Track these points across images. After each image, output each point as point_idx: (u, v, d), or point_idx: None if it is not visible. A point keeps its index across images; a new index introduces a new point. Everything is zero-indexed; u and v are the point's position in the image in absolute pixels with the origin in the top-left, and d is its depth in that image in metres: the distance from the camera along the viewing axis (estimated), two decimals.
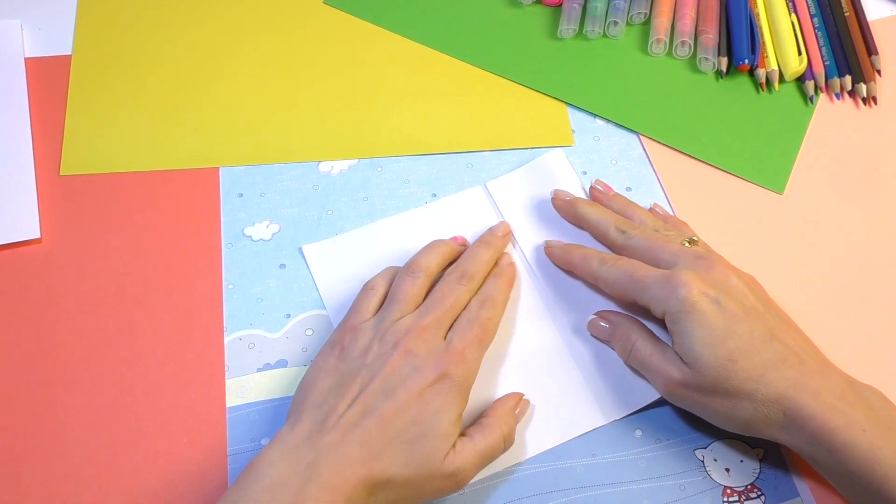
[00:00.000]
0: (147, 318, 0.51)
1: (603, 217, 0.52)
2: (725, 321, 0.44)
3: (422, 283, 0.49)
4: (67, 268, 0.53)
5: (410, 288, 0.48)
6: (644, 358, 0.47)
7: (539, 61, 0.62)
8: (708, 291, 0.44)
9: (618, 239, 0.50)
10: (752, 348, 0.43)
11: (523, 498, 0.47)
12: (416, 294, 0.48)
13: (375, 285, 0.50)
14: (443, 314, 0.47)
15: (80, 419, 0.48)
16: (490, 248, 0.52)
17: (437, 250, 0.51)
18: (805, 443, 0.43)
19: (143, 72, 0.61)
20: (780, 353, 0.43)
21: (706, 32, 0.62)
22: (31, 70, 0.60)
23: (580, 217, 0.53)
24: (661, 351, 0.46)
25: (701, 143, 0.59)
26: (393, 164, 0.58)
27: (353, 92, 0.61)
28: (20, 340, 0.50)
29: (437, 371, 0.44)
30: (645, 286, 0.46)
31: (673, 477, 0.47)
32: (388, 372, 0.44)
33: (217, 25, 0.63)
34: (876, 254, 0.55)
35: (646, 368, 0.47)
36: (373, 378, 0.44)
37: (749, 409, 0.43)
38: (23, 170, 0.55)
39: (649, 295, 0.46)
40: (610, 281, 0.48)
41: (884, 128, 0.61)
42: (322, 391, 0.44)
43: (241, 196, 0.56)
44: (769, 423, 0.43)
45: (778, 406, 0.43)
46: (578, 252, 0.51)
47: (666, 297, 0.45)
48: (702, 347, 0.44)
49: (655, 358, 0.46)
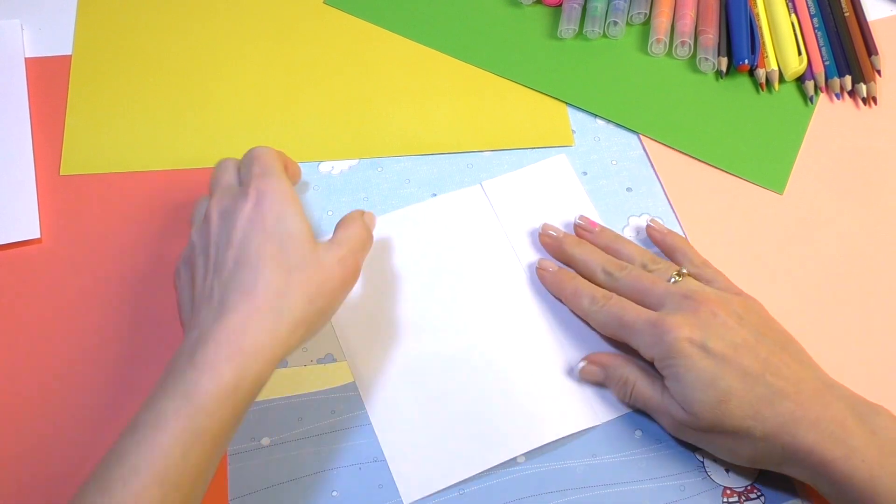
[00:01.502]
0: (147, 318, 0.51)
1: (590, 258, 0.51)
2: (714, 364, 0.44)
3: None
4: (67, 268, 0.53)
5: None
6: (645, 400, 0.47)
7: (539, 61, 0.62)
8: (693, 336, 0.44)
9: (605, 281, 0.50)
10: (743, 386, 0.43)
11: (523, 498, 0.47)
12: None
13: None
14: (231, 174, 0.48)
15: (80, 419, 0.48)
16: None
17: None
18: (808, 475, 0.43)
19: (143, 72, 0.61)
20: (773, 387, 0.43)
21: (706, 32, 0.62)
22: (31, 70, 0.60)
23: (567, 256, 0.53)
24: (661, 392, 0.46)
25: (701, 143, 0.59)
26: (393, 164, 0.58)
27: (354, 92, 0.61)
28: (20, 340, 0.50)
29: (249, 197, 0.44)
30: (633, 332, 0.47)
31: (673, 477, 0.47)
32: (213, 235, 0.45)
33: (217, 25, 0.63)
34: (876, 253, 0.55)
35: (648, 409, 0.48)
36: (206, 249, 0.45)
37: (750, 447, 0.44)
38: (23, 170, 0.55)
39: (637, 340, 0.46)
40: (600, 323, 0.49)
41: (884, 128, 0.61)
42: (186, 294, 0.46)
43: None
44: (771, 457, 0.44)
45: (776, 441, 0.42)
46: (570, 285, 0.51)
47: (653, 343, 0.45)
48: (692, 392, 0.44)
49: (655, 400, 0.47)
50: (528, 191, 0.56)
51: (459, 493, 0.47)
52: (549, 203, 0.56)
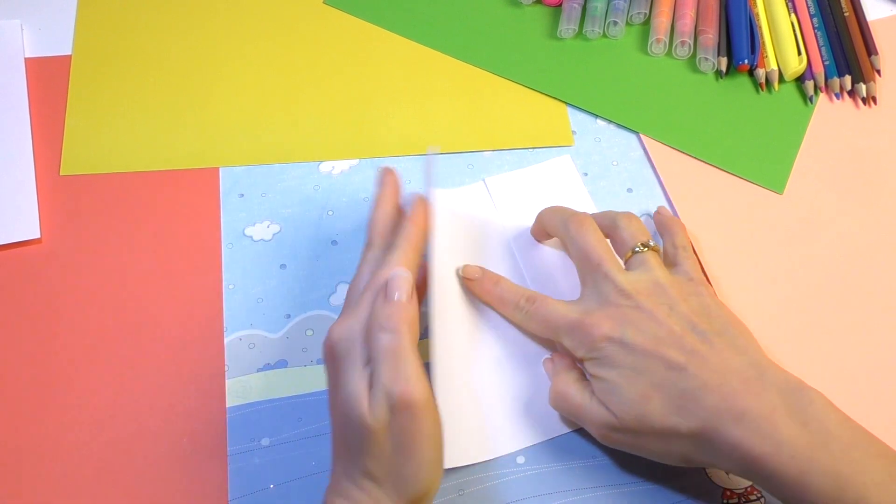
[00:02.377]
0: (147, 318, 0.51)
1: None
2: (633, 359, 0.42)
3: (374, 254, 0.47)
4: (67, 268, 0.53)
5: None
6: (572, 407, 0.46)
7: (539, 61, 0.62)
8: (612, 333, 0.43)
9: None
10: (665, 381, 0.42)
11: (523, 499, 0.47)
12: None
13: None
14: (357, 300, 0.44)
15: (80, 419, 0.48)
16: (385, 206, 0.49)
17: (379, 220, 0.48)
18: (739, 471, 0.41)
19: (143, 72, 0.61)
20: (697, 380, 0.41)
21: (706, 32, 0.62)
22: (31, 70, 0.60)
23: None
24: (589, 398, 0.45)
25: (701, 142, 0.59)
26: (394, 164, 0.58)
27: (354, 92, 0.61)
28: (20, 340, 0.50)
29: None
30: (559, 333, 0.46)
31: (673, 479, 0.47)
32: None
33: (217, 25, 0.63)
34: (876, 253, 0.55)
35: (576, 418, 0.46)
36: None
37: (679, 446, 0.42)
38: (23, 170, 0.55)
39: (566, 342, 0.46)
40: (530, 328, 0.49)
41: (884, 128, 0.61)
42: None
43: (242, 196, 0.56)
44: (703, 455, 0.42)
45: (703, 437, 0.41)
46: (495, 292, 0.50)
47: (577, 345, 0.45)
48: (615, 389, 0.43)
49: (584, 409, 0.45)
50: (531, 189, 0.56)
51: (459, 493, 0.47)
52: (550, 202, 0.56)
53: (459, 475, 0.47)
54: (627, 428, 0.43)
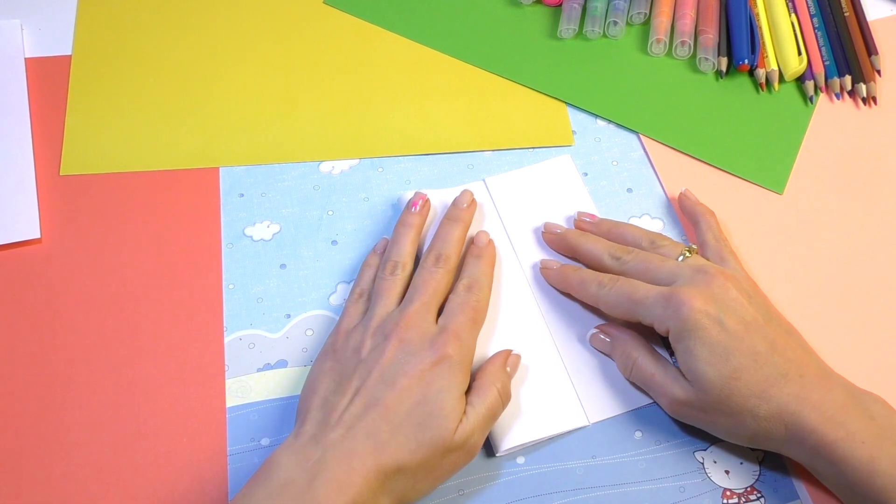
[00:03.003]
0: (147, 318, 0.51)
1: (594, 247, 0.51)
2: (727, 339, 0.44)
3: (400, 276, 0.49)
4: (67, 268, 0.53)
5: (391, 284, 0.49)
6: (646, 377, 0.47)
7: (539, 61, 0.62)
8: (709, 309, 0.44)
9: (613, 266, 0.50)
10: (753, 364, 0.44)
11: (523, 499, 0.47)
12: (397, 288, 0.49)
13: (362, 291, 0.50)
14: (429, 299, 0.47)
15: (80, 419, 0.48)
16: (459, 223, 0.52)
17: (405, 238, 0.51)
18: (807, 456, 0.43)
19: (144, 72, 0.61)
20: (780, 368, 0.44)
21: (706, 32, 0.62)
22: (31, 70, 0.60)
23: (572, 249, 0.53)
24: (664, 369, 0.47)
25: (701, 143, 0.59)
26: (394, 164, 0.58)
27: (354, 92, 0.61)
28: (20, 340, 0.50)
29: (434, 353, 0.44)
30: (646, 306, 0.46)
31: (672, 479, 0.47)
32: (385, 363, 0.44)
33: (217, 25, 0.63)
34: (876, 253, 0.55)
35: (648, 387, 0.48)
36: (371, 371, 0.44)
37: (752, 425, 0.44)
38: (23, 170, 0.55)
39: (651, 315, 0.46)
40: (610, 304, 0.48)
41: (884, 128, 0.61)
42: (323, 392, 0.45)
43: (242, 196, 0.56)
44: (772, 437, 0.44)
45: (779, 421, 0.43)
46: (575, 277, 0.51)
47: (667, 316, 0.45)
48: (705, 367, 0.44)
49: (658, 377, 0.47)
50: (531, 189, 0.56)
51: (460, 492, 0.47)
52: (551, 202, 0.56)
53: (459, 475, 0.47)
54: (706, 405, 0.45)
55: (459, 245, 0.51)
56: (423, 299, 0.47)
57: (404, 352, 0.45)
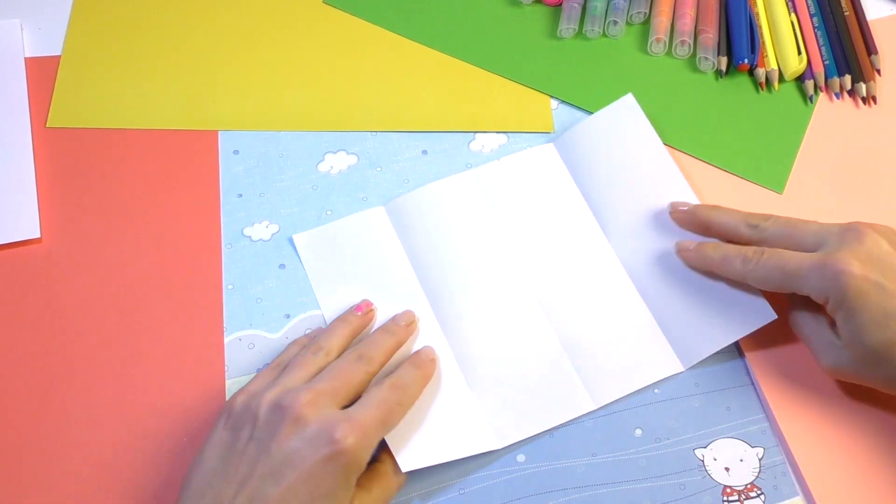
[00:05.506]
0: (147, 318, 0.51)
1: (729, 218, 0.50)
2: (887, 303, 0.43)
3: (321, 358, 0.46)
4: (67, 268, 0.53)
5: (309, 361, 0.46)
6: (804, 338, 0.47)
7: (539, 61, 0.62)
8: (869, 275, 0.43)
9: (752, 236, 0.48)
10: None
11: (523, 497, 0.47)
12: (313, 368, 0.46)
13: (280, 362, 0.48)
14: (339, 385, 0.44)
15: (81, 419, 0.48)
16: (392, 336, 0.49)
17: (340, 331, 0.48)
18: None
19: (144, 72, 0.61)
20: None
21: (706, 32, 0.62)
22: (31, 70, 0.60)
23: (704, 223, 0.51)
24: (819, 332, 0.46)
25: (701, 142, 0.59)
26: (393, 164, 0.58)
27: (353, 91, 0.60)
28: (20, 340, 0.50)
29: (328, 444, 0.41)
30: (800, 277, 0.45)
31: (672, 476, 0.48)
32: (275, 447, 0.41)
33: (216, 25, 0.63)
34: None
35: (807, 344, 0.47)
36: (259, 456, 0.41)
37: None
38: (23, 170, 0.55)
39: (808, 286, 0.45)
40: (760, 279, 0.47)
41: (883, 127, 0.61)
42: (207, 472, 0.42)
43: (241, 196, 0.56)
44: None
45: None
46: (717, 253, 0.49)
47: (827, 286, 0.44)
48: (866, 334, 0.43)
49: (814, 340, 0.46)
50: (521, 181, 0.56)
51: (460, 492, 0.47)
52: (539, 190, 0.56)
53: (459, 474, 0.47)
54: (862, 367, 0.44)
55: (387, 355, 0.48)
56: (333, 384, 0.44)
57: (298, 436, 0.41)
